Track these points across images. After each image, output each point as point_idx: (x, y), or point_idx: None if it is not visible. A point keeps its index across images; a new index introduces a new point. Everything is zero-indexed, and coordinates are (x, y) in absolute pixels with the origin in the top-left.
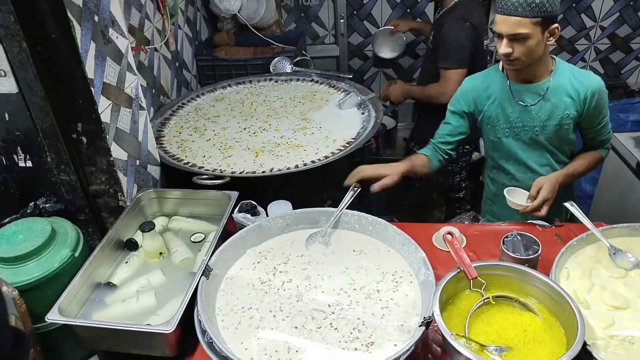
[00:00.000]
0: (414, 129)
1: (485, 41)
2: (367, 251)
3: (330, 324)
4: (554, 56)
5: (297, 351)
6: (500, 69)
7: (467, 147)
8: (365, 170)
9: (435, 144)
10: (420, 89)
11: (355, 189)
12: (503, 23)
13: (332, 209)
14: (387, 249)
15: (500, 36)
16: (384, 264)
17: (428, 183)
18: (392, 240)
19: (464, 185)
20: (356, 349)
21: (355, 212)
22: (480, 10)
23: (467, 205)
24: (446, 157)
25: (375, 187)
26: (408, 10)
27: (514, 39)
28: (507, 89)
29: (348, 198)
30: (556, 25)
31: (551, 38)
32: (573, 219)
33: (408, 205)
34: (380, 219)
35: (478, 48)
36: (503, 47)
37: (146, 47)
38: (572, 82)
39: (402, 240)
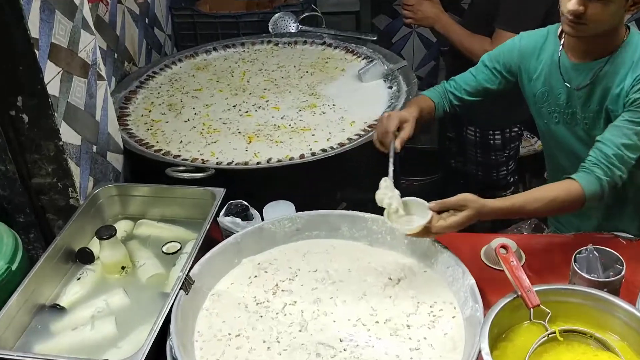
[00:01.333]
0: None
1: None
2: (397, 271)
3: None
4: (629, 25)
5: None
6: (558, 34)
7: (516, 129)
8: (389, 125)
9: (447, 89)
10: (462, 31)
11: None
12: None
13: (358, 213)
14: (423, 270)
15: None
16: (419, 291)
17: (465, 178)
18: (433, 259)
19: (511, 180)
20: None
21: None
22: None
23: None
24: (451, 111)
25: (397, 145)
26: None
27: None
28: (556, 62)
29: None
30: None
31: (633, 7)
32: None
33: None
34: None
35: (552, 10)
36: (573, 3)
37: None
38: (633, 65)
39: (446, 261)
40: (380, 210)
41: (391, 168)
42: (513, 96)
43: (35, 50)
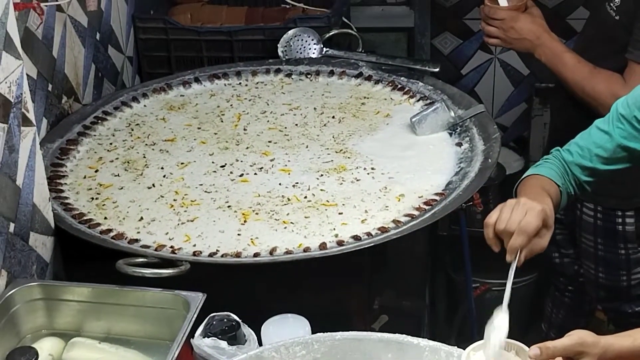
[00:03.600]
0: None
1: None
2: None
3: None
4: None
5: None
6: None
7: None
8: (529, 224)
9: (567, 162)
10: (578, 63)
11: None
12: None
13: (410, 338)
14: None
15: None
16: None
17: (575, 283)
18: None
19: None
20: None
21: (454, 349)
22: None
23: None
24: (576, 192)
25: (522, 258)
26: None
27: None
28: None
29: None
30: None
31: None
32: None
33: (546, 334)
34: None
35: None
36: None
37: (41, 4)
38: None
39: None
40: (444, 332)
41: (507, 295)
42: None
43: None
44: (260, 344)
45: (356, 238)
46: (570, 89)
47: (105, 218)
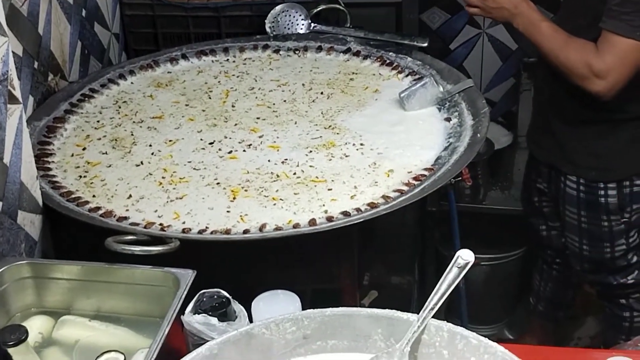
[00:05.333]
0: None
1: None
2: None
3: None
4: None
5: None
6: None
7: (638, 182)
8: None
9: None
10: (554, 32)
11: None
12: None
13: (399, 313)
14: None
15: None
16: None
17: (561, 255)
18: None
19: (634, 260)
20: None
21: (444, 324)
22: None
23: None
24: None
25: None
26: None
27: None
28: None
29: (450, 279)
30: None
31: None
32: None
33: (534, 308)
34: (492, 341)
35: None
36: None
37: None
38: None
39: None
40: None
41: None
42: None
43: None
44: (250, 320)
45: (345, 214)
46: (546, 58)
47: (94, 196)
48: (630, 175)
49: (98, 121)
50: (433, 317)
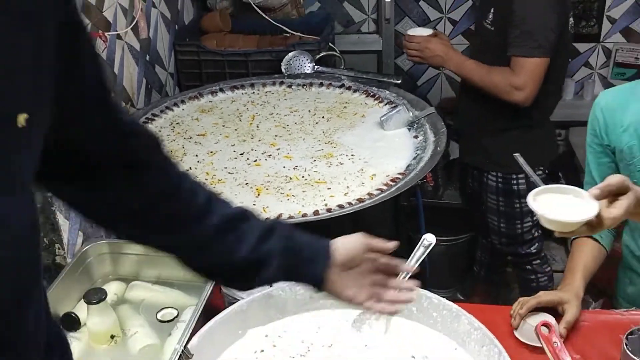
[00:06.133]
0: (466, 140)
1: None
2: (425, 350)
3: None
4: None
5: None
6: None
7: (540, 170)
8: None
9: None
10: (477, 67)
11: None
12: None
13: None
14: (454, 347)
15: None
16: None
17: (487, 232)
18: (465, 338)
19: (536, 235)
20: None
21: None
22: None
23: (545, 267)
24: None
25: (562, 330)
26: None
27: None
28: None
29: (418, 255)
30: None
31: None
32: None
33: (477, 274)
34: (449, 301)
35: (564, 30)
36: None
37: (105, 34)
38: None
39: (480, 339)
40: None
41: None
42: (539, 130)
43: None
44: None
45: (340, 206)
46: (476, 86)
47: None
48: (534, 167)
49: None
50: None
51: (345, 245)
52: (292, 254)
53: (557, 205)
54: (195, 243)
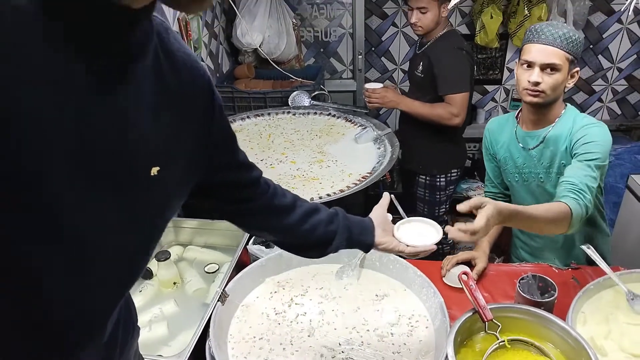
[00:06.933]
0: (416, 156)
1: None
2: (384, 290)
3: None
4: (567, 103)
5: None
6: (515, 115)
7: (455, 172)
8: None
9: (495, 193)
10: (424, 106)
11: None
12: (539, 52)
13: None
14: (404, 289)
15: (530, 66)
16: (400, 306)
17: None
18: (412, 282)
19: (446, 219)
20: None
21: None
22: (462, 39)
23: (448, 240)
24: (507, 199)
25: (475, 276)
26: None
27: (545, 69)
28: (514, 133)
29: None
30: (578, 69)
31: (571, 81)
32: (590, 260)
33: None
34: (401, 257)
35: (472, 74)
36: (534, 76)
37: None
38: (571, 130)
39: (421, 283)
40: None
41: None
42: (454, 145)
43: None
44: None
45: (328, 195)
46: (423, 118)
47: None
48: (450, 170)
49: None
50: None
51: (376, 217)
52: (350, 230)
53: (415, 233)
54: (285, 230)
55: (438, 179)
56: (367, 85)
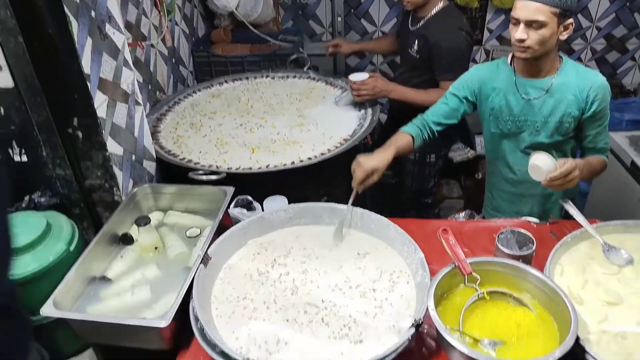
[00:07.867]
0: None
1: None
2: (366, 249)
3: (322, 319)
4: (562, 54)
5: (285, 343)
6: (509, 63)
7: (444, 150)
8: (358, 175)
9: (426, 121)
10: (417, 92)
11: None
12: (523, 8)
13: (335, 204)
14: (385, 247)
15: (516, 22)
16: (382, 263)
17: (402, 186)
18: (393, 240)
19: (434, 191)
20: (344, 345)
21: (359, 210)
22: (462, 15)
23: (434, 210)
24: (431, 137)
25: (360, 189)
26: None
27: (530, 25)
28: (513, 82)
29: (352, 198)
30: (571, 20)
31: (564, 33)
32: (567, 216)
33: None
34: (382, 216)
35: (470, 54)
36: (519, 33)
37: (143, 43)
38: (578, 80)
39: (402, 240)
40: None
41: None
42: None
43: (88, 83)
44: (262, 210)
45: (309, 158)
46: (417, 105)
47: (182, 152)
48: (442, 147)
49: (182, 115)
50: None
51: None
52: None
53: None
54: None
55: (428, 155)
56: (353, 78)
